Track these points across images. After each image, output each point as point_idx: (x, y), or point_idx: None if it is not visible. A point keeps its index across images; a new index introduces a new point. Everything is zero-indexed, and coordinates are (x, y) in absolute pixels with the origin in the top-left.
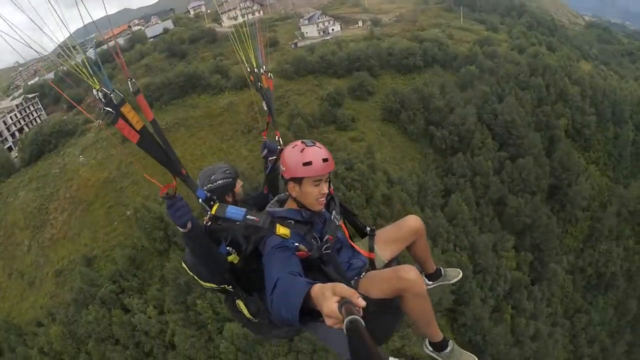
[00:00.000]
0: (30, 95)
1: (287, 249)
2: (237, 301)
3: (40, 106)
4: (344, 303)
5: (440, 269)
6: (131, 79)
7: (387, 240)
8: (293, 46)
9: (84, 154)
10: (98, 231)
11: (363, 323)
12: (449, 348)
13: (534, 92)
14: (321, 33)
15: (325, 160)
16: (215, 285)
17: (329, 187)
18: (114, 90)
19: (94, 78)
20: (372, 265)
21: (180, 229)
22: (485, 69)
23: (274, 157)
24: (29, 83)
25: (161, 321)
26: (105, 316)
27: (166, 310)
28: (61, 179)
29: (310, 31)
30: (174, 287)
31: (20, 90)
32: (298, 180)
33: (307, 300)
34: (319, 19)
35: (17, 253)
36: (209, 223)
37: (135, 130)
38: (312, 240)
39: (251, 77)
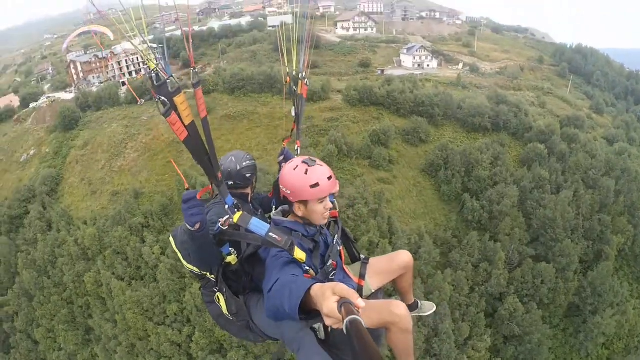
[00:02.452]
0: (154, 45)
1: (288, 257)
2: (217, 294)
3: (160, 55)
4: (344, 303)
5: (417, 301)
6: (194, 69)
7: (377, 271)
8: (380, 72)
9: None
10: (152, 176)
11: (363, 323)
12: None
13: (600, 194)
14: (415, 66)
15: (329, 178)
16: (197, 270)
17: (335, 208)
18: (171, 76)
19: (152, 55)
20: (359, 293)
21: (188, 227)
22: (556, 151)
23: None
24: (167, 29)
25: (159, 259)
26: (126, 238)
27: (166, 253)
28: (145, 126)
29: (407, 61)
30: None
31: (152, 37)
32: (304, 202)
33: (307, 299)
34: (417, 51)
35: (93, 166)
36: (226, 227)
37: (185, 127)
38: (317, 262)
39: (287, 78)
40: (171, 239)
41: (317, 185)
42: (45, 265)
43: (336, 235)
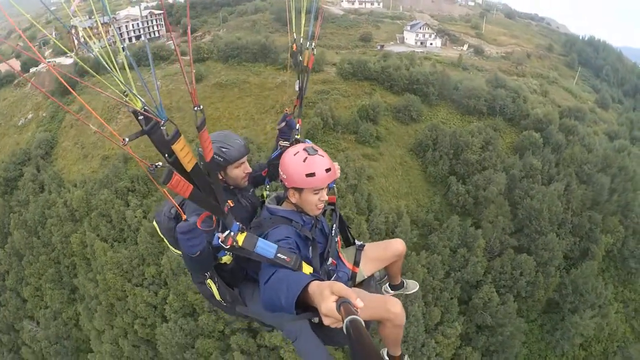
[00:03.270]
0: (157, 12)
1: (289, 248)
2: (208, 280)
3: (162, 22)
4: (342, 303)
5: (404, 281)
6: (199, 107)
7: (371, 258)
8: (379, 47)
9: (162, 79)
10: (142, 141)
11: (363, 323)
12: None
13: (593, 190)
14: (418, 43)
15: (328, 170)
16: None
17: (334, 194)
18: (167, 120)
19: (133, 92)
20: (352, 279)
21: (187, 254)
22: (551, 141)
23: (286, 144)
24: None
25: (141, 223)
26: (112, 201)
27: (148, 217)
28: (139, 92)
29: (409, 38)
30: (159, 205)
31: (155, 2)
32: (299, 189)
33: (304, 294)
34: (420, 28)
35: (86, 131)
36: (228, 247)
37: (188, 179)
38: (317, 261)
39: (294, 46)
40: (155, 224)
41: (312, 175)
42: (35, 225)
43: (334, 225)
